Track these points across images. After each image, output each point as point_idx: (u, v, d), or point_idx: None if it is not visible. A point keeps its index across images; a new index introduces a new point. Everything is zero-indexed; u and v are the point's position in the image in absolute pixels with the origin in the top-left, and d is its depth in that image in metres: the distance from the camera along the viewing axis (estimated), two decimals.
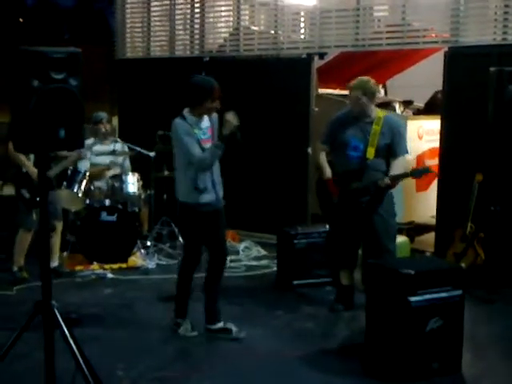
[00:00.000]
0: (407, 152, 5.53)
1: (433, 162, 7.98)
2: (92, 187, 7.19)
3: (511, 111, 5.75)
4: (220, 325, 5.14)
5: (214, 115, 5.06)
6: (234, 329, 5.11)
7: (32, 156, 6.31)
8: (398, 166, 5.44)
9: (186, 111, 4.95)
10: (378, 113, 5.54)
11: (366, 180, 5.45)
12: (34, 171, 6.18)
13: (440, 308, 4.34)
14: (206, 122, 4.99)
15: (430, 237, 7.61)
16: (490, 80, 5.88)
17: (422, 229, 8.06)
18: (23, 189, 6.35)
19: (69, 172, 6.98)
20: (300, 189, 8.07)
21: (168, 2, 9.05)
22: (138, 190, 7.37)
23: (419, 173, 5.65)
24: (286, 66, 8.16)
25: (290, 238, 6.47)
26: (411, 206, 7.94)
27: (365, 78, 5.55)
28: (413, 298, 4.24)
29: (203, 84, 4.92)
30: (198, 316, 5.15)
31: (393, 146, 5.46)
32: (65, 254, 7.05)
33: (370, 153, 5.43)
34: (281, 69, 8.17)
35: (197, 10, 8.90)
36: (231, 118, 4.84)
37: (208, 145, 4.91)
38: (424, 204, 8.07)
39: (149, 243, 7.44)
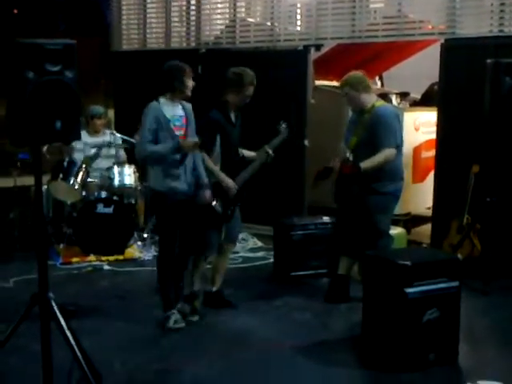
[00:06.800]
0: (388, 146, 5.32)
1: (429, 154, 7.99)
2: (88, 179, 7.18)
3: (507, 103, 5.76)
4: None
5: (189, 106, 5.04)
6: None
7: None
8: (373, 158, 5.30)
9: (161, 97, 4.97)
10: (375, 102, 5.52)
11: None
12: (229, 183, 5.25)
13: (436, 299, 4.35)
14: (179, 110, 4.99)
15: (427, 228, 7.61)
16: (487, 72, 5.88)
17: (419, 220, 8.08)
18: (215, 202, 5.26)
19: (65, 164, 6.97)
20: (296, 180, 8.06)
21: None
22: (135, 181, 7.34)
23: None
24: (282, 58, 8.13)
25: (286, 229, 6.47)
26: (407, 197, 7.90)
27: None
28: (409, 290, 4.25)
29: (171, 66, 5.02)
30: None
31: (374, 139, 5.34)
32: (61, 246, 7.05)
33: (352, 143, 5.46)
34: (277, 61, 8.14)
35: (193, 2, 8.89)
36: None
37: (179, 133, 4.90)
38: (420, 195, 8.08)
39: (145, 235, 7.43)
